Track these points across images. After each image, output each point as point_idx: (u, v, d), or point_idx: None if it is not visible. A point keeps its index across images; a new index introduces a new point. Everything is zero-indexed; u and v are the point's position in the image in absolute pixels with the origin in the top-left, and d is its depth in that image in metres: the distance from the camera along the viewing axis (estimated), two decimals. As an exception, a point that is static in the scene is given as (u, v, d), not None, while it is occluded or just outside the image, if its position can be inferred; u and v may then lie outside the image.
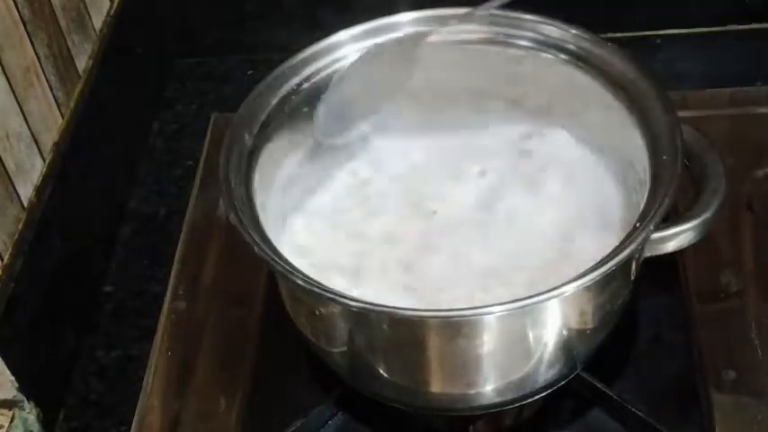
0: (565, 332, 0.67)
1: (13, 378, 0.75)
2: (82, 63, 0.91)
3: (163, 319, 0.82)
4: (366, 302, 0.63)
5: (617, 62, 0.74)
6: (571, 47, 0.76)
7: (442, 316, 0.64)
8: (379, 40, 0.78)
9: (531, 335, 0.66)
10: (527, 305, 0.62)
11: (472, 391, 0.69)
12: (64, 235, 0.84)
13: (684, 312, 0.79)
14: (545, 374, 0.69)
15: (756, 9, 1.03)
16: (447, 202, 0.79)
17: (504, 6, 0.75)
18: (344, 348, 0.69)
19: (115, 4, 0.98)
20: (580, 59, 0.75)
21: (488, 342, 0.65)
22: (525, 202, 0.78)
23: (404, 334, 0.66)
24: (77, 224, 0.87)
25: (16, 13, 0.80)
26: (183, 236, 0.88)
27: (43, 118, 0.83)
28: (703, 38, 1.05)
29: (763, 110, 0.92)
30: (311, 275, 0.65)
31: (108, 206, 0.95)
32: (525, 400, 0.71)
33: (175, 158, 1.00)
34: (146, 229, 0.94)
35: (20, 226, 0.79)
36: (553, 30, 0.76)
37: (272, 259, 0.65)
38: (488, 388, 0.68)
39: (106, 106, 0.93)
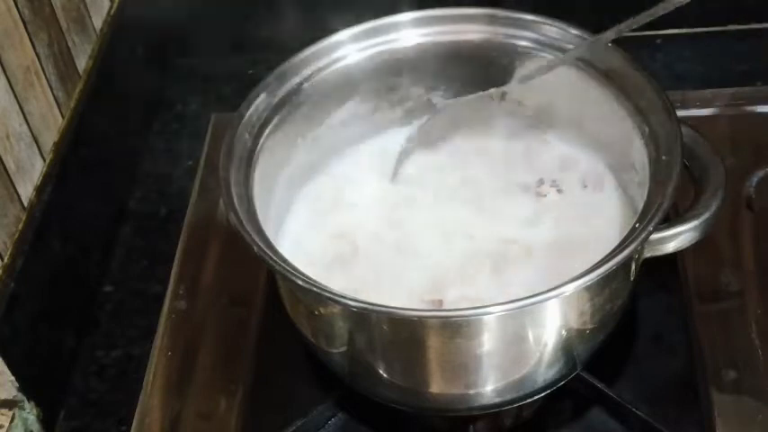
0: (565, 332, 0.67)
1: (13, 378, 0.75)
2: (82, 63, 0.91)
3: (163, 319, 0.82)
4: (366, 302, 0.63)
5: (617, 62, 0.74)
6: (571, 47, 0.76)
7: (442, 316, 0.64)
8: (379, 39, 0.78)
9: (530, 335, 0.66)
10: (527, 305, 0.62)
11: (472, 392, 0.69)
12: (64, 235, 0.84)
13: (684, 312, 0.79)
14: (545, 374, 0.69)
15: (756, 9, 1.03)
16: (445, 201, 0.79)
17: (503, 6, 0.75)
18: (344, 349, 0.69)
19: (115, 4, 0.98)
20: (580, 59, 0.75)
21: (488, 342, 0.65)
22: (525, 201, 0.78)
23: (403, 334, 0.66)
24: (77, 224, 0.87)
25: (16, 13, 0.80)
26: (182, 236, 0.88)
27: (43, 118, 0.83)
28: (703, 38, 1.05)
29: (763, 110, 0.92)
30: (311, 275, 0.65)
31: (108, 206, 0.95)
32: (525, 400, 0.71)
33: (175, 158, 1.00)
34: (146, 229, 0.94)
35: (20, 226, 0.79)
36: (553, 30, 0.76)
37: (272, 259, 0.65)
38: (488, 388, 0.68)
39: (106, 106, 0.93)
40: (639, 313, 0.79)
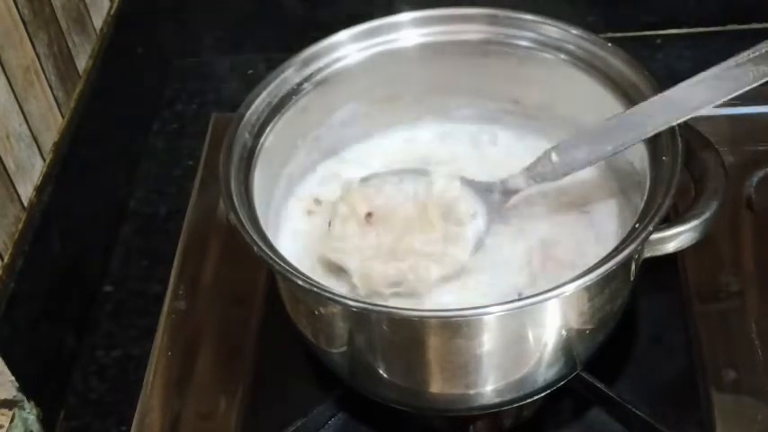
0: (565, 332, 0.67)
1: (13, 378, 0.75)
2: (82, 63, 0.91)
3: (163, 319, 0.82)
4: (366, 302, 0.63)
5: (617, 62, 0.74)
6: (571, 47, 0.76)
7: (442, 316, 0.64)
8: (379, 39, 0.78)
9: (530, 335, 0.66)
10: (527, 305, 0.62)
11: (472, 392, 0.69)
12: (64, 235, 0.84)
13: (684, 312, 0.79)
14: (545, 374, 0.69)
15: (756, 9, 1.03)
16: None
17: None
18: (344, 349, 0.69)
19: (115, 4, 0.98)
20: (580, 59, 0.75)
21: (488, 342, 0.65)
22: (523, 200, 0.78)
23: (404, 334, 0.66)
24: (77, 224, 0.87)
25: (16, 13, 0.80)
26: (182, 236, 0.88)
27: (43, 118, 0.83)
28: (703, 38, 1.05)
29: (763, 110, 0.92)
30: (311, 275, 0.65)
31: (108, 206, 0.95)
32: (525, 400, 0.71)
33: (175, 158, 1.00)
34: (146, 229, 0.95)
35: (20, 226, 0.79)
36: (553, 30, 0.76)
37: (272, 259, 0.65)
38: (488, 388, 0.68)
39: (106, 106, 0.93)
40: (639, 313, 0.79)
